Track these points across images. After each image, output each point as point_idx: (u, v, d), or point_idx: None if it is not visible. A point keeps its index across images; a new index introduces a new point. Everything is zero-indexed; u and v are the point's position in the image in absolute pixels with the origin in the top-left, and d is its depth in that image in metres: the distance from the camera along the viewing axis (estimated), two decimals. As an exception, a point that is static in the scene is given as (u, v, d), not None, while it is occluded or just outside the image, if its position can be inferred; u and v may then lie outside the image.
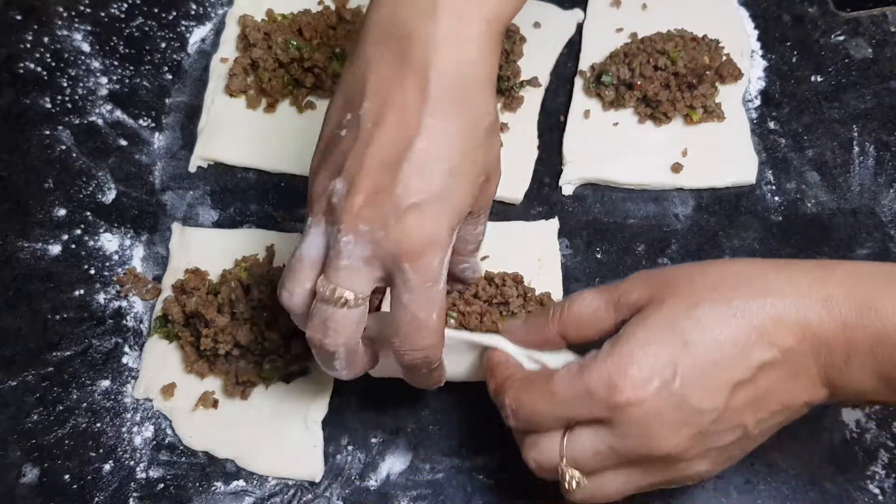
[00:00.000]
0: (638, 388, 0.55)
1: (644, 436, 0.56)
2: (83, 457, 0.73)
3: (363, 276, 0.59)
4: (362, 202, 0.57)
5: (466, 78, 0.59)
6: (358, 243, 0.58)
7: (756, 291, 0.56)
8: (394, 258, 0.58)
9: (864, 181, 0.82)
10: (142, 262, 0.82)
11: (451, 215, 0.59)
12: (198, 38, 0.93)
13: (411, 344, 0.60)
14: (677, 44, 0.84)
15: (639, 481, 0.59)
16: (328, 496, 0.71)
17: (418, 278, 0.58)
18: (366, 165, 0.58)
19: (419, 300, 0.59)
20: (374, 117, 0.59)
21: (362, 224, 0.57)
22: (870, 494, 0.70)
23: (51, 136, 0.87)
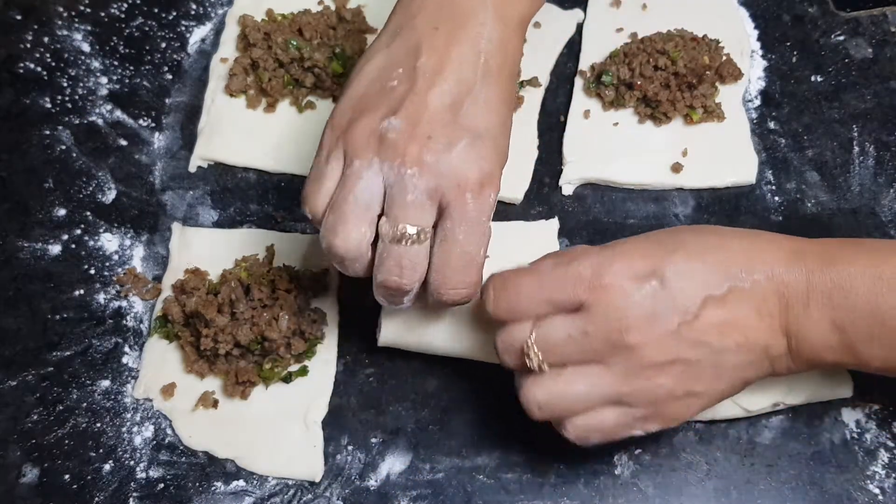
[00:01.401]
0: (622, 276, 0.60)
1: (617, 319, 0.59)
2: (83, 457, 0.73)
3: (427, 210, 0.62)
4: (429, 134, 0.62)
5: (507, 57, 0.67)
6: (423, 175, 0.61)
7: (735, 234, 0.64)
8: (457, 188, 0.61)
9: (864, 181, 0.82)
10: (142, 262, 0.82)
11: (501, 159, 0.65)
12: (198, 38, 0.93)
13: (458, 279, 0.63)
14: (677, 44, 0.84)
15: (602, 383, 0.60)
16: (328, 496, 0.71)
17: (476, 210, 0.62)
18: (429, 105, 0.63)
19: (473, 234, 0.62)
20: (433, 69, 0.64)
21: (429, 154, 0.61)
22: (870, 494, 0.70)
23: (51, 136, 0.87)
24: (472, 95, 0.64)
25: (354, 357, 0.77)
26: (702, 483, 0.71)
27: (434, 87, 0.63)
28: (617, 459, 0.72)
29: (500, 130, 0.65)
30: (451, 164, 0.61)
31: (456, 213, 0.62)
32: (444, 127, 0.62)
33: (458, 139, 0.62)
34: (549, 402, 0.62)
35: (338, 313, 0.78)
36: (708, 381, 0.61)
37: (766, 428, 0.72)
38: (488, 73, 0.65)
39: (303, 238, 0.81)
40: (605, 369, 0.60)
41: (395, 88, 0.64)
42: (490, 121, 0.64)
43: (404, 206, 0.61)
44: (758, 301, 0.60)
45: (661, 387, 0.60)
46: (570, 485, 0.71)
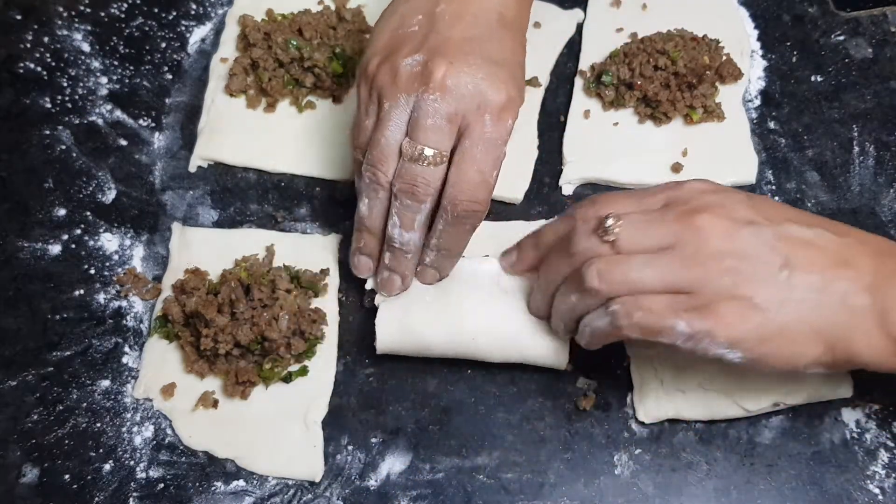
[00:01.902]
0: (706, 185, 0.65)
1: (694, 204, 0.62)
2: (83, 457, 0.73)
3: (445, 133, 0.66)
4: (450, 60, 0.66)
5: (519, 13, 0.73)
6: (444, 99, 0.66)
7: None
8: (477, 111, 0.66)
9: (864, 181, 0.82)
10: (142, 262, 0.82)
11: (520, 90, 0.69)
12: (198, 38, 0.93)
13: (471, 195, 0.67)
14: (677, 44, 0.84)
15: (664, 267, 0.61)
16: (328, 496, 0.71)
17: (495, 131, 0.66)
18: (452, 40, 0.67)
19: (488, 154, 0.67)
20: (452, 14, 0.69)
21: (451, 79, 0.66)
22: (870, 494, 0.70)
23: (51, 136, 0.87)
24: (491, 33, 0.69)
25: (354, 357, 0.77)
26: (702, 483, 0.71)
27: (454, 27, 0.68)
28: (617, 459, 0.72)
29: (518, 68, 0.70)
30: (473, 87, 0.66)
31: (475, 133, 0.66)
32: (466, 55, 0.67)
33: (480, 65, 0.66)
34: (609, 271, 0.62)
35: (338, 313, 0.78)
36: (771, 297, 0.59)
37: (766, 428, 0.72)
38: (504, 21, 0.70)
39: (303, 238, 0.82)
40: (671, 254, 0.61)
41: (416, 32, 0.69)
42: (508, 56, 0.69)
43: (424, 129, 0.66)
44: (846, 250, 0.60)
45: (717, 281, 0.59)
46: (570, 485, 0.71)
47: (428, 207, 0.69)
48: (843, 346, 0.60)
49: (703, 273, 0.59)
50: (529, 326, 0.71)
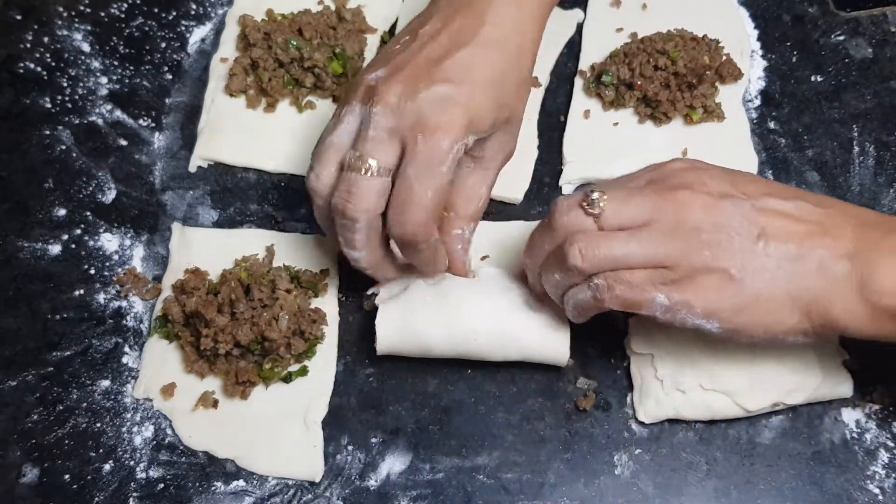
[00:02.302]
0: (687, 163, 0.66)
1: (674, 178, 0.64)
2: (83, 457, 0.73)
3: (387, 147, 0.66)
4: (401, 80, 0.66)
5: (514, 33, 0.70)
6: (386, 114, 0.66)
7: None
8: (411, 128, 0.65)
9: (864, 181, 0.82)
10: (142, 262, 0.82)
11: (471, 113, 0.66)
12: (198, 38, 0.93)
13: (403, 216, 0.65)
14: (677, 44, 0.84)
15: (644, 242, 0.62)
16: (328, 496, 0.71)
17: (426, 152, 0.65)
18: (415, 59, 0.68)
19: (421, 174, 0.65)
20: (431, 34, 0.69)
21: (394, 96, 0.66)
22: (870, 494, 0.70)
23: (51, 136, 0.87)
24: (460, 53, 0.67)
25: (354, 357, 0.77)
26: (702, 483, 0.71)
27: (426, 47, 0.68)
28: (617, 459, 0.72)
29: (481, 87, 0.67)
30: (411, 105, 0.65)
31: (409, 153, 0.65)
32: (420, 76, 0.66)
33: (428, 86, 0.66)
34: (591, 248, 0.62)
35: (338, 313, 0.78)
36: (746, 267, 0.61)
37: (766, 428, 0.72)
38: (486, 39, 0.69)
39: (303, 238, 0.81)
40: (651, 229, 0.62)
41: (396, 50, 0.69)
42: (470, 76, 0.67)
43: (366, 140, 0.66)
44: (826, 220, 0.61)
45: (697, 253, 0.61)
46: (570, 485, 0.71)
47: (362, 226, 0.67)
48: (821, 312, 0.61)
49: (682, 247, 0.61)
50: (530, 324, 0.71)
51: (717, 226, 0.61)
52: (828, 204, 0.64)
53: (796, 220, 0.62)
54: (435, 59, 0.67)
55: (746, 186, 0.63)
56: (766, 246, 0.61)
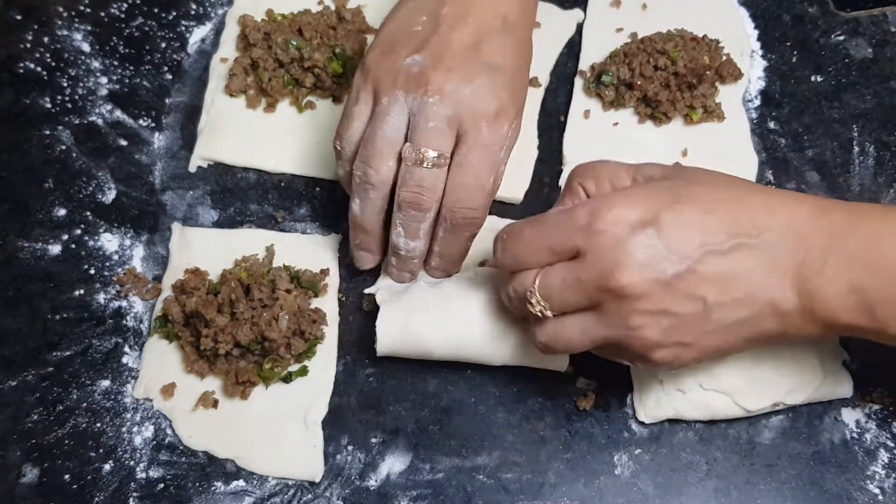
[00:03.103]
0: (618, 220, 0.59)
1: (608, 264, 0.58)
2: (83, 457, 0.73)
3: (446, 136, 0.67)
4: (450, 66, 0.67)
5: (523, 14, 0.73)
6: (443, 103, 0.66)
7: (758, 189, 0.63)
8: (473, 116, 0.66)
9: (864, 181, 0.82)
10: (142, 262, 0.82)
11: (518, 96, 0.70)
12: (198, 38, 0.93)
13: (469, 201, 0.67)
14: (677, 44, 0.84)
15: (592, 329, 0.61)
16: (328, 496, 0.71)
17: (490, 138, 0.67)
18: (452, 44, 0.68)
19: (485, 160, 0.67)
20: (456, 16, 0.70)
21: (449, 84, 0.67)
22: (870, 494, 0.70)
23: (51, 136, 0.87)
24: (492, 38, 0.69)
25: (354, 357, 0.77)
26: (702, 483, 0.71)
27: (456, 30, 0.69)
28: (617, 459, 0.72)
29: (518, 72, 0.71)
30: (470, 94, 0.67)
31: (471, 139, 0.67)
32: (465, 62, 0.68)
33: (478, 73, 0.67)
34: (550, 342, 0.64)
35: (338, 313, 0.78)
36: (700, 335, 0.60)
37: (766, 428, 0.72)
38: (507, 23, 0.71)
39: (303, 238, 0.81)
40: (598, 316, 0.61)
41: (419, 31, 0.70)
42: (507, 61, 0.69)
43: (426, 132, 0.67)
44: (766, 257, 0.58)
45: (646, 338, 0.60)
46: (570, 485, 0.71)
47: (431, 216, 0.70)
48: (776, 340, 0.62)
49: (633, 332, 0.60)
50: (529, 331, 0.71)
51: (662, 311, 0.59)
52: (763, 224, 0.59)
53: (741, 276, 0.59)
54: (472, 45, 0.69)
55: (681, 244, 0.58)
56: (716, 312, 0.59)
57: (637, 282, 0.58)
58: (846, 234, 0.58)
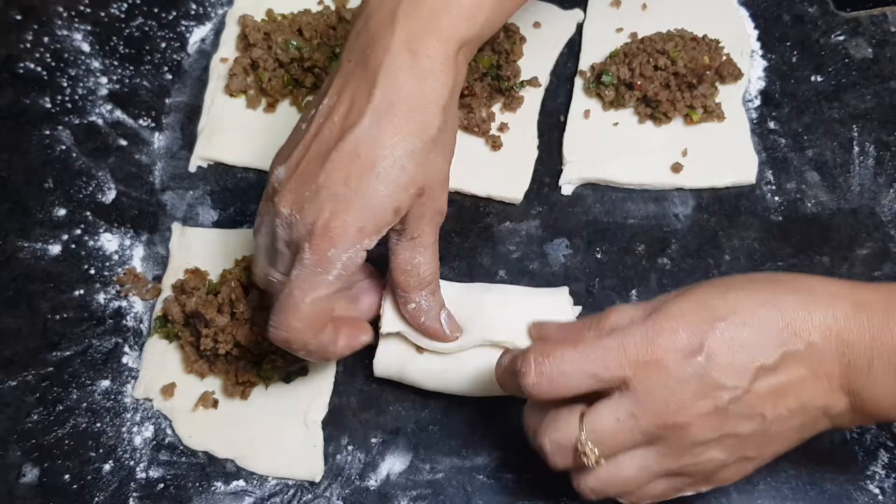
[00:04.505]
0: (667, 352, 0.56)
1: (663, 401, 0.56)
2: (83, 457, 0.73)
3: (288, 259, 0.64)
4: (291, 187, 0.63)
5: (416, 88, 0.62)
6: (283, 226, 0.63)
7: (789, 287, 0.59)
8: (299, 240, 0.62)
9: (864, 181, 0.82)
10: (142, 262, 0.82)
11: (365, 215, 0.62)
12: (198, 38, 0.93)
13: (279, 319, 0.63)
14: (677, 44, 0.84)
15: (653, 465, 0.59)
16: (328, 496, 0.71)
17: (309, 258, 0.61)
18: (306, 154, 0.63)
19: (302, 279, 0.62)
20: (325, 112, 0.64)
21: (284, 207, 0.63)
22: (870, 494, 0.70)
23: (51, 136, 0.87)
24: (352, 135, 0.62)
25: (354, 357, 0.77)
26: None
27: (317, 135, 0.63)
28: (617, 459, 0.72)
29: (377, 181, 0.61)
30: (302, 219, 0.62)
31: (297, 259, 0.63)
32: (308, 179, 0.62)
33: (314, 194, 0.62)
34: (602, 488, 0.60)
35: (338, 313, 0.78)
36: (761, 447, 0.59)
37: (766, 428, 0.72)
38: (378, 110, 0.62)
39: (303, 238, 0.81)
40: (655, 450, 0.59)
41: (298, 132, 0.66)
42: (356, 169, 0.61)
43: (275, 253, 0.65)
44: (814, 363, 0.57)
45: (711, 460, 0.59)
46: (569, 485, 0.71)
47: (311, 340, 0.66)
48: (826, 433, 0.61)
49: (692, 462, 0.59)
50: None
51: (724, 436, 0.58)
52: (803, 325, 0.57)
53: (793, 389, 0.57)
54: (324, 154, 0.62)
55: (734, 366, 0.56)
56: (773, 425, 0.58)
57: (696, 416, 0.57)
58: (886, 330, 0.56)
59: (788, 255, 0.79)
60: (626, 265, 0.80)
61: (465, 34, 0.64)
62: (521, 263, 0.80)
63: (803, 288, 0.59)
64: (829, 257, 0.79)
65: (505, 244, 0.81)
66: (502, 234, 0.81)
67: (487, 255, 0.80)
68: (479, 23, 0.65)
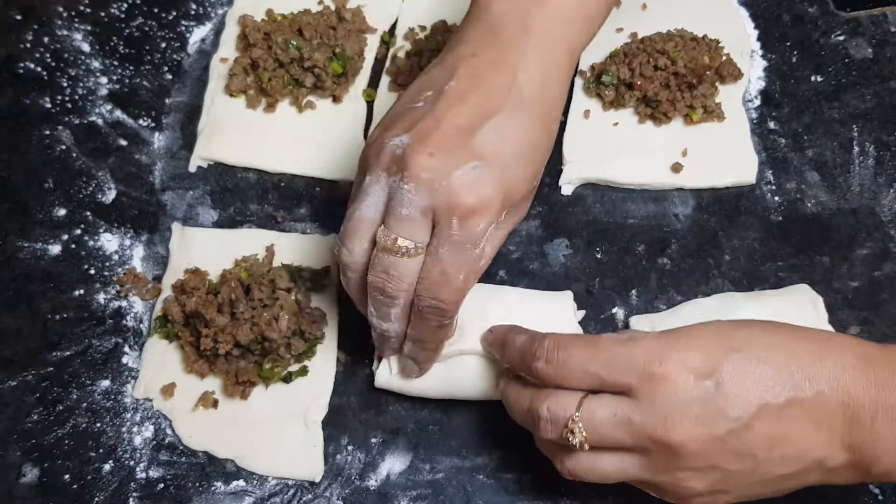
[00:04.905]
0: (678, 369, 0.57)
1: (663, 416, 0.57)
2: (83, 457, 0.73)
3: (420, 226, 0.62)
4: (430, 152, 0.61)
5: (546, 88, 0.66)
6: (418, 191, 0.61)
7: (800, 335, 0.60)
8: (447, 210, 0.61)
9: (864, 181, 0.82)
10: (142, 262, 0.82)
11: (507, 190, 0.63)
12: (198, 38, 0.93)
13: (433, 294, 0.63)
14: (677, 44, 0.84)
15: (632, 471, 0.60)
16: (328, 496, 0.71)
17: (461, 235, 0.62)
18: (442, 125, 0.62)
19: (454, 257, 0.62)
20: (459, 94, 0.64)
21: (426, 172, 0.61)
22: (870, 494, 0.70)
23: (51, 136, 0.87)
24: (492, 122, 0.63)
25: (354, 357, 0.77)
26: None
27: (451, 109, 0.63)
28: (617, 459, 0.72)
29: (517, 160, 0.64)
30: (446, 185, 0.61)
31: (442, 233, 0.62)
32: (451, 148, 0.62)
33: (460, 162, 0.61)
34: (580, 473, 0.62)
35: (338, 313, 0.78)
36: (743, 487, 0.59)
37: (766, 428, 0.72)
38: (518, 102, 0.64)
39: (303, 238, 0.81)
40: (641, 460, 0.59)
41: (418, 109, 0.64)
42: (504, 149, 0.63)
43: (399, 219, 0.62)
44: (819, 412, 0.57)
45: (690, 488, 0.59)
46: (569, 485, 0.71)
47: (402, 301, 0.65)
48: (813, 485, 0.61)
49: (677, 482, 0.59)
50: None
51: (710, 466, 0.58)
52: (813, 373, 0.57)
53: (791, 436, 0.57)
54: (465, 128, 0.62)
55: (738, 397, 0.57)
56: (762, 466, 0.58)
57: (690, 439, 0.57)
58: (892, 386, 0.56)
59: (788, 255, 0.79)
60: (626, 265, 0.80)
61: (583, 45, 0.70)
62: (521, 263, 0.80)
63: (814, 336, 0.60)
64: (829, 257, 0.79)
65: (505, 244, 0.81)
66: (502, 234, 0.81)
67: (487, 255, 0.80)
68: (592, 34, 0.70)
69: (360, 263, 0.65)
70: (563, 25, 0.67)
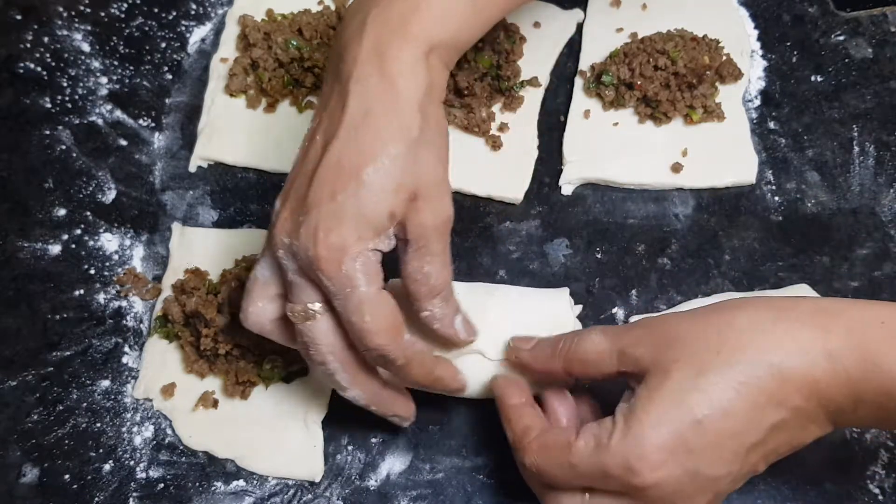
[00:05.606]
0: (655, 470, 0.56)
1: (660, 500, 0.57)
2: (83, 457, 0.73)
3: (306, 288, 0.61)
4: (286, 215, 0.61)
5: (388, 92, 0.60)
6: (287, 257, 0.60)
7: (759, 352, 0.57)
8: (309, 268, 0.59)
9: (864, 181, 0.82)
10: (142, 262, 0.82)
11: (359, 224, 0.59)
12: (198, 38, 0.93)
13: (363, 345, 0.61)
14: (677, 44, 0.84)
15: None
16: (328, 496, 0.71)
17: (334, 285, 0.59)
18: (295, 180, 0.62)
19: (347, 306, 0.60)
20: (310, 135, 0.63)
21: (284, 237, 0.60)
22: (870, 494, 0.70)
23: (51, 136, 0.87)
24: (326, 158, 0.60)
25: (354, 357, 0.77)
26: None
27: (304, 158, 0.62)
28: (617, 459, 0.72)
29: (370, 179, 0.59)
30: (299, 246, 0.59)
31: (322, 286, 0.60)
32: (297, 205, 0.60)
33: (304, 217, 0.59)
34: None
35: (338, 313, 0.78)
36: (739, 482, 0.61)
37: (766, 428, 0.72)
38: (354, 120, 0.60)
39: (303, 238, 0.81)
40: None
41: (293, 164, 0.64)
42: (342, 182, 0.59)
43: (290, 286, 0.61)
44: (802, 419, 0.58)
45: None
46: (570, 485, 0.71)
47: (336, 365, 0.63)
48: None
49: None
50: None
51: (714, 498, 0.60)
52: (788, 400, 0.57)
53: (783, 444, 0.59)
54: (309, 174, 0.60)
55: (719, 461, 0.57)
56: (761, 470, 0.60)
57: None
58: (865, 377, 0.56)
59: (788, 255, 0.79)
60: (626, 265, 0.80)
61: (435, 37, 0.63)
62: (521, 263, 0.80)
63: (774, 347, 0.57)
64: (829, 257, 0.79)
65: (505, 244, 0.81)
66: (502, 234, 0.81)
67: (487, 255, 0.80)
68: (450, 28, 0.64)
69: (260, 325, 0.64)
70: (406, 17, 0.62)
